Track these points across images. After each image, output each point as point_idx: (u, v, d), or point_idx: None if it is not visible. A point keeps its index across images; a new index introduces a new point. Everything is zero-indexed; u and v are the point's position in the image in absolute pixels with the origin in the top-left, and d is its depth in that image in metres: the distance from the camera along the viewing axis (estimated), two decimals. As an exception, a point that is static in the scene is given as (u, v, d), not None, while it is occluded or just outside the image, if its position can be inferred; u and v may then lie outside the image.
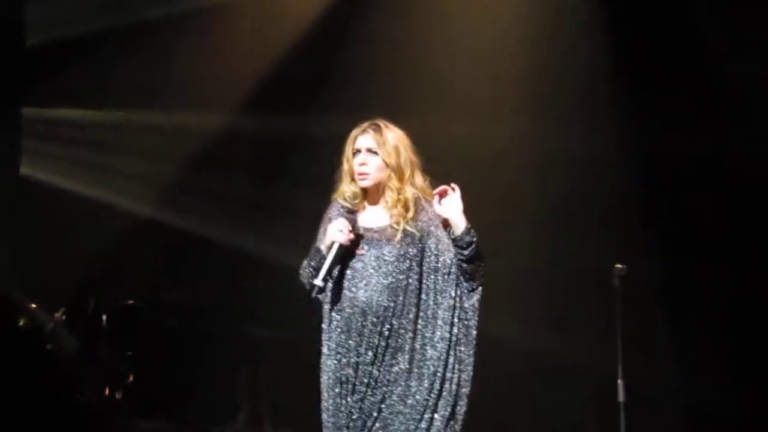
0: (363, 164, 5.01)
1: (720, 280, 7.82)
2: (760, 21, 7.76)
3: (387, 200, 5.04)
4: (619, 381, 6.75)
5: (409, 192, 5.02)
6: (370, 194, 5.06)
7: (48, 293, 8.30)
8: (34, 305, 7.94)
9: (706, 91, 7.93)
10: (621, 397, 6.72)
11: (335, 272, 4.99)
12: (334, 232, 4.93)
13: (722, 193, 7.88)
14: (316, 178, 5.46)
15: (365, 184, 5.02)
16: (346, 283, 5.00)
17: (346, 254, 4.98)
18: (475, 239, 4.96)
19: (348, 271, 4.99)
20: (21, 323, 7.48)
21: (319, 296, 5.07)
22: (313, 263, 5.00)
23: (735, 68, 7.82)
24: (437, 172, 5.08)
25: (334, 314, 5.02)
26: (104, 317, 8.31)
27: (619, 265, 6.87)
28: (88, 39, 9.46)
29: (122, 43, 9.48)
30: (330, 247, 4.93)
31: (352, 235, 4.96)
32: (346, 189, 5.06)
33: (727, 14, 7.85)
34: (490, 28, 8.58)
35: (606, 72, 8.24)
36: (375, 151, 5.01)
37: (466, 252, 4.96)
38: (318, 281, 4.92)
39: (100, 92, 9.45)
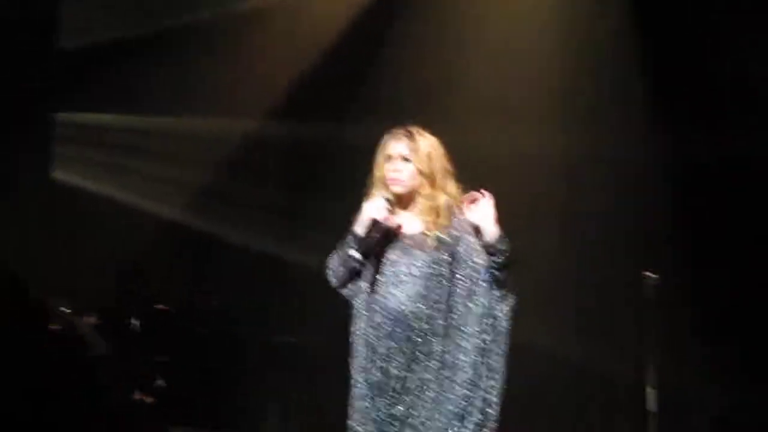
0: (396, 171, 5.01)
1: (752, 289, 7.79)
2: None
3: (419, 207, 5.04)
4: (649, 389, 6.73)
5: (442, 199, 5.02)
6: (403, 201, 5.06)
7: (79, 297, 8.33)
8: (65, 309, 7.97)
9: (740, 98, 7.90)
10: (650, 406, 6.70)
11: (368, 273, 4.99)
12: (372, 209, 4.94)
13: (755, 201, 7.85)
14: (347, 185, 5.46)
15: (398, 190, 5.02)
16: (376, 289, 5.00)
17: (377, 257, 4.98)
18: (507, 247, 4.95)
19: (379, 277, 5.00)
20: (52, 327, 7.51)
21: (345, 292, 5.07)
22: (346, 247, 4.99)
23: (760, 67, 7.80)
24: (466, 178, 5.08)
25: (364, 320, 5.02)
26: (135, 322, 8.34)
27: (649, 273, 6.85)
28: (120, 44, 9.50)
29: (154, 49, 9.51)
30: (367, 225, 4.94)
31: (389, 214, 4.96)
32: (379, 195, 5.06)
33: (760, 21, 7.81)
34: (522, 35, 8.57)
35: (637, 79, 8.22)
36: (408, 157, 5.01)
37: (498, 259, 4.95)
38: (353, 252, 4.92)
39: (132, 97, 9.48)
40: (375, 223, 4.95)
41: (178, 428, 8.13)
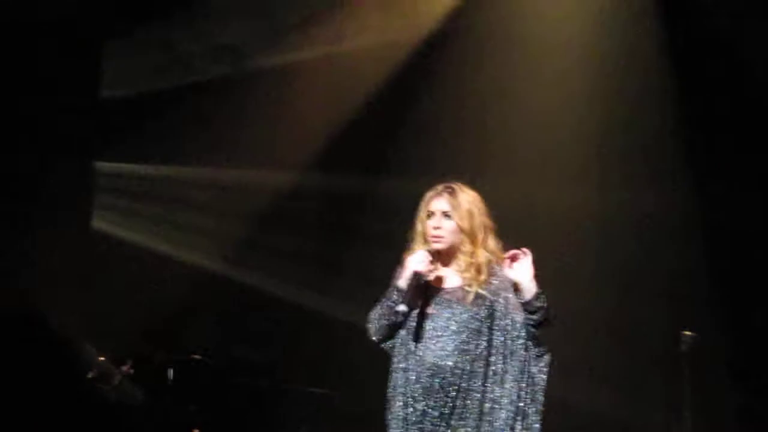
0: (437, 228, 5.05)
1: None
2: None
3: (460, 263, 5.07)
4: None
5: (482, 256, 5.05)
6: (443, 256, 5.08)
7: (116, 345, 8.36)
8: (102, 357, 7.99)
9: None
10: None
11: (408, 328, 5.00)
12: (416, 262, 4.97)
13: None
14: (384, 238, 5.50)
15: (439, 246, 5.05)
16: (415, 343, 5.01)
17: (417, 311, 5.00)
18: (545, 304, 4.96)
19: (418, 330, 5.02)
20: (90, 375, 7.54)
21: (386, 345, 5.08)
22: (389, 302, 5.01)
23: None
24: (504, 233, 5.10)
25: (401, 373, 5.04)
26: (170, 371, 8.35)
27: (687, 332, 6.82)
28: (160, 95, 9.59)
29: (193, 100, 9.58)
30: (411, 278, 4.96)
31: (432, 266, 4.99)
32: (419, 250, 5.09)
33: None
34: (557, 91, 8.59)
35: (673, 132, 8.22)
36: (449, 214, 5.05)
37: (535, 317, 4.96)
38: (402, 307, 4.94)
39: (172, 148, 9.55)
40: (417, 276, 4.98)
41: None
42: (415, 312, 5.03)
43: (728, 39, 8.02)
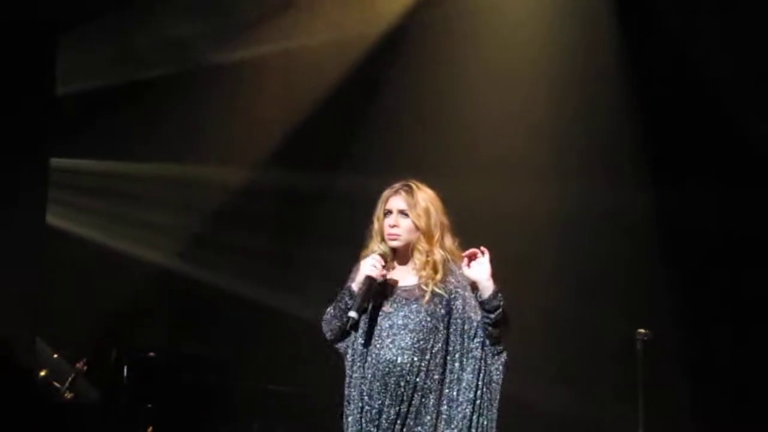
0: (394, 226, 5.04)
1: (743, 347, 7.80)
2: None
3: (416, 262, 5.06)
4: (640, 446, 6.72)
5: (438, 254, 5.04)
6: (399, 254, 5.07)
7: (70, 343, 8.31)
8: (56, 355, 7.95)
9: (736, 149, 7.93)
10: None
11: (363, 322, 4.99)
12: (368, 267, 4.95)
13: (746, 258, 7.86)
14: (340, 235, 5.48)
15: (395, 244, 5.04)
16: (372, 341, 5.00)
17: (374, 309, 4.99)
18: (502, 303, 4.96)
19: (375, 328, 5.00)
20: (42, 373, 7.49)
21: (340, 347, 5.07)
22: (341, 303, 5.00)
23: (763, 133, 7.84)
24: (461, 232, 5.10)
25: (357, 371, 5.02)
26: (125, 368, 8.31)
27: (642, 330, 6.86)
28: (116, 91, 9.54)
29: (148, 96, 9.54)
30: (363, 283, 4.95)
31: (385, 271, 4.98)
32: (376, 248, 5.07)
33: (756, 71, 7.86)
34: (516, 90, 8.61)
35: (631, 132, 8.25)
36: (406, 212, 5.04)
37: (492, 315, 4.96)
38: (352, 313, 4.93)
39: (127, 144, 9.50)
40: (370, 280, 4.96)
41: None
42: (372, 310, 5.01)
43: (683, 36, 8.06)
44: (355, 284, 5.00)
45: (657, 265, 8.09)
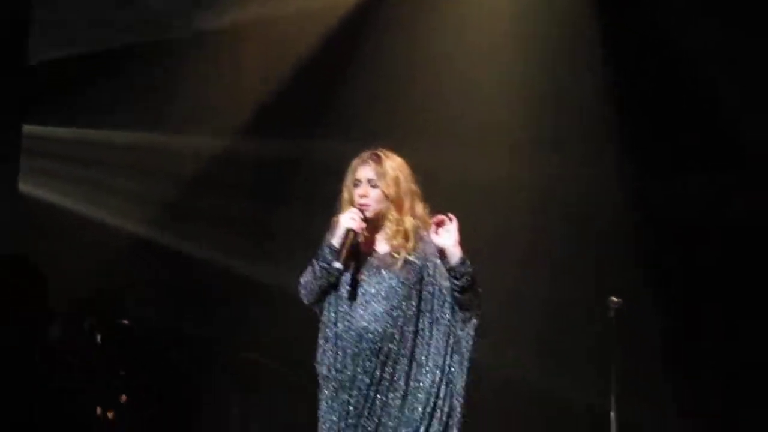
0: (363, 195, 5.05)
1: (715, 315, 7.86)
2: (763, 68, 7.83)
3: (387, 231, 5.07)
4: (612, 414, 6.76)
5: (409, 222, 5.06)
6: (370, 223, 5.08)
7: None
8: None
9: (706, 128, 7.98)
10: (613, 430, 6.72)
11: (340, 293, 5.01)
12: (347, 220, 4.97)
13: (720, 230, 7.91)
14: (316, 202, 5.49)
15: (366, 214, 5.05)
16: (344, 308, 5.02)
17: (346, 276, 5.00)
18: (469, 270, 4.99)
19: (347, 297, 5.02)
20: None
21: (316, 308, 5.09)
22: (322, 262, 5.00)
23: (737, 112, 7.88)
24: (433, 200, 5.12)
25: (330, 338, 5.04)
26: (99, 336, 8.30)
27: (614, 298, 6.89)
28: (90, 59, 9.50)
29: (124, 64, 9.51)
30: (343, 236, 4.96)
31: (364, 225, 4.99)
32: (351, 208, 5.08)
33: (730, 60, 7.89)
34: (491, 62, 8.61)
35: (603, 106, 8.27)
36: (375, 182, 5.05)
37: (459, 282, 4.98)
38: (338, 264, 4.93)
39: (101, 112, 9.47)
40: (350, 233, 4.97)
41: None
42: (346, 278, 5.03)
43: (661, 15, 8.08)
44: (335, 239, 5.01)
45: (630, 237, 8.13)
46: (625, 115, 8.16)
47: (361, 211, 5.03)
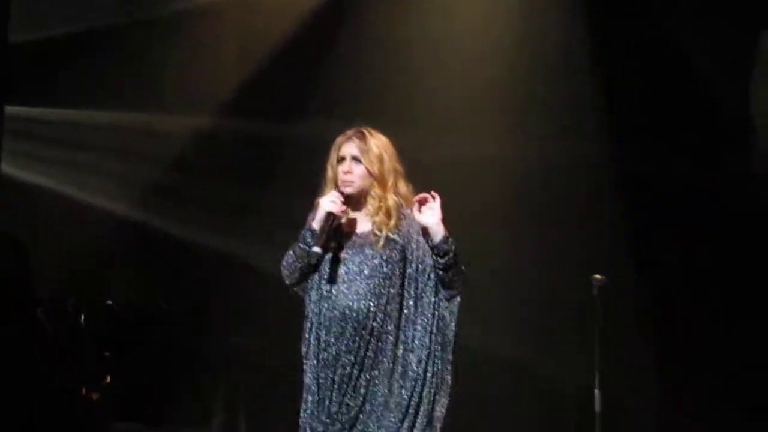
0: (347, 172, 5.05)
1: (700, 293, 7.89)
2: (744, 44, 7.84)
3: (369, 208, 5.07)
4: (596, 391, 6.78)
5: (391, 200, 5.06)
6: (353, 201, 5.08)
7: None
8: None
9: (689, 107, 8.00)
10: (597, 407, 6.75)
11: (319, 274, 5.01)
12: (328, 203, 4.97)
13: (703, 206, 7.94)
14: (299, 182, 5.48)
15: (349, 191, 5.05)
16: (328, 287, 5.02)
17: (328, 255, 5.00)
18: (452, 248, 4.99)
19: (330, 275, 5.02)
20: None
21: (299, 291, 5.09)
22: (302, 244, 5.01)
23: (714, 86, 7.90)
24: (417, 179, 5.12)
25: (314, 318, 5.05)
26: (82, 317, 8.28)
27: (597, 276, 6.91)
28: (72, 38, 9.44)
29: (105, 44, 9.45)
30: (324, 219, 4.96)
31: (344, 207, 4.99)
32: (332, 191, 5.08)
33: (711, 36, 7.89)
34: (477, 40, 8.62)
35: (590, 84, 8.28)
36: (359, 158, 5.05)
37: (442, 260, 4.98)
38: (316, 248, 4.94)
39: (84, 92, 9.42)
40: (330, 217, 4.98)
41: (122, 424, 8.09)
42: (328, 257, 5.03)
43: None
44: (316, 222, 5.01)
45: (613, 214, 8.14)
46: (610, 92, 8.17)
47: (344, 191, 5.03)
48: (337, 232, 5.04)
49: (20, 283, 6.48)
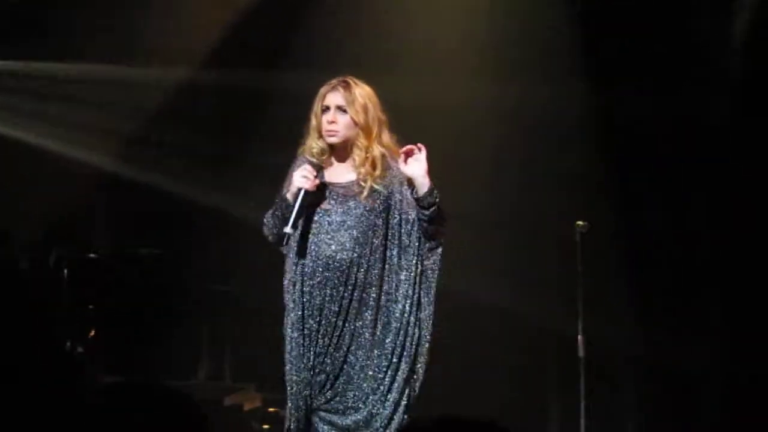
0: (332, 122, 5.04)
1: (682, 236, 7.92)
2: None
3: (354, 158, 5.07)
4: (579, 337, 6.81)
5: (377, 150, 5.06)
6: (338, 151, 5.08)
7: (10, 245, 8.25)
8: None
9: (671, 51, 7.98)
10: (581, 353, 6.78)
11: (301, 222, 5.02)
12: (299, 179, 4.96)
13: (684, 150, 7.96)
14: (281, 134, 5.47)
15: (334, 140, 5.05)
16: (311, 238, 5.04)
17: (312, 207, 5.00)
18: (437, 200, 5.00)
19: (313, 226, 5.03)
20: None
21: (283, 249, 5.09)
22: (278, 213, 5.02)
23: (699, 29, 7.89)
24: (399, 128, 5.11)
25: (298, 268, 5.05)
26: (66, 270, 8.27)
27: (580, 222, 6.91)
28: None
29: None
30: (296, 195, 4.95)
31: (317, 181, 4.99)
32: (314, 145, 5.08)
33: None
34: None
35: (568, 28, 8.26)
36: (344, 108, 5.04)
37: (427, 212, 4.99)
38: (288, 229, 4.95)
39: (61, 45, 9.34)
40: (304, 193, 4.96)
41: (109, 378, 8.09)
42: (312, 208, 5.03)
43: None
44: (290, 195, 5.00)
45: (594, 159, 8.15)
46: (589, 32, 8.15)
47: (328, 140, 5.03)
48: (320, 186, 5.04)
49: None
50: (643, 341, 7.92)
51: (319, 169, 5.04)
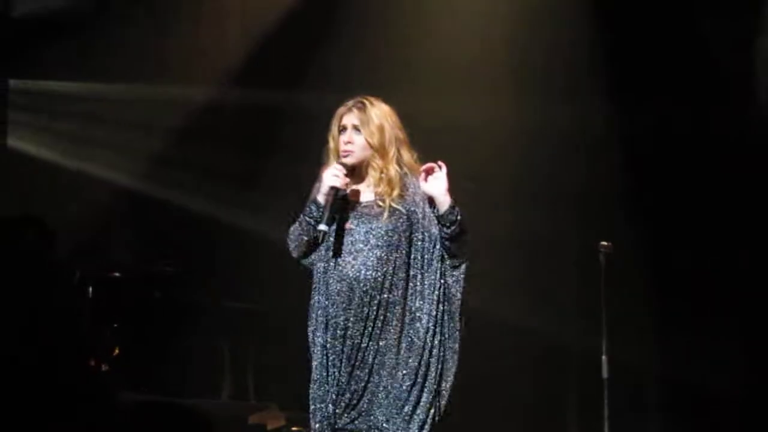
0: (348, 142, 5.06)
1: (704, 257, 7.89)
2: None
3: (370, 179, 5.08)
4: (603, 357, 6.79)
5: (393, 171, 5.05)
6: (356, 172, 5.09)
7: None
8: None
9: (690, 68, 7.98)
10: (605, 373, 6.76)
11: (327, 241, 5.02)
12: (330, 178, 4.98)
13: (707, 170, 7.94)
14: (303, 153, 5.49)
15: (349, 161, 5.06)
16: (334, 258, 5.03)
17: (335, 224, 5.01)
18: (459, 218, 5.00)
19: (337, 246, 5.03)
20: None
21: (305, 262, 5.10)
22: (308, 218, 5.03)
23: (724, 47, 7.89)
24: (420, 147, 5.12)
25: (322, 288, 5.05)
26: (90, 289, 8.30)
27: (604, 242, 6.90)
28: (75, 11, 9.41)
29: (109, 15, 9.43)
30: (328, 194, 4.96)
31: (347, 180, 5.00)
32: (334, 163, 5.09)
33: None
34: (475, 5, 8.60)
35: (590, 48, 8.27)
36: (359, 129, 5.05)
37: (449, 230, 4.99)
38: (322, 226, 4.95)
39: (86, 64, 9.41)
40: (334, 190, 4.98)
41: (130, 395, 8.11)
42: (334, 228, 5.04)
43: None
44: (321, 196, 5.02)
45: (617, 179, 8.14)
46: (611, 50, 8.16)
47: (344, 161, 5.03)
48: (343, 204, 5.05)
49: (46, 266, 6.50)
50: (667, 362, 7.89)
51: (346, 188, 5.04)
